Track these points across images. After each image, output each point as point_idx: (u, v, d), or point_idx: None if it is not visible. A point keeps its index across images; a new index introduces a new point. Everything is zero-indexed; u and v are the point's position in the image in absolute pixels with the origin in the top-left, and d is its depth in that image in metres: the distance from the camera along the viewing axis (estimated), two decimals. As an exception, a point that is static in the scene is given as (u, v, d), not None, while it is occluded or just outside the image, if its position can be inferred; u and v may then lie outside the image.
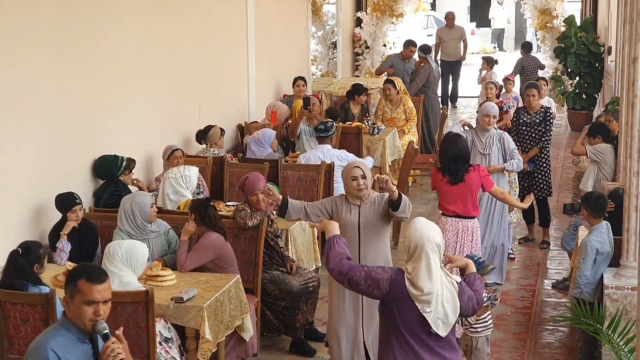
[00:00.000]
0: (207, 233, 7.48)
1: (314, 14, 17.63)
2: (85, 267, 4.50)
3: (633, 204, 6.83)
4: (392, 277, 5.12)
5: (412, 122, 13.46)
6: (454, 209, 8.16)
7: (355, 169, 6.49)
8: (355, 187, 6.44)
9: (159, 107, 10.24)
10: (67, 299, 4.31)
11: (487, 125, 9.34)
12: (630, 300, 6.64)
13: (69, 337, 4.25)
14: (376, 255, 6.50)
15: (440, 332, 5.04)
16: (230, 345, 7.40)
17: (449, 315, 5.04)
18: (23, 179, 7.69)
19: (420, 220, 5.24)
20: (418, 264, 5.04)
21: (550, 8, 17.48)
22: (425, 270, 5.02)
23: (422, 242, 5.05)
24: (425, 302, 5.00)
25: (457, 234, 8.11)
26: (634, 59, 7.30)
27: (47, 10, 8.02)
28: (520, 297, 9.36)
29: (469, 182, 8.12)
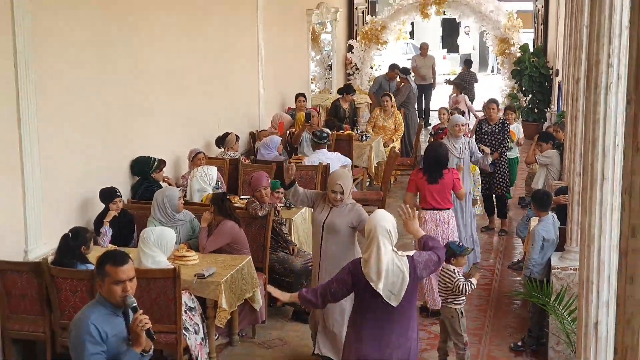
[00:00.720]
0: (224, 221, 7.48)
1: (314, 41, 17.62)
2: (110, 254, 4.51)
3: (575, 200, 6.82)
4: (350, 268, 5.22)
5: (399, 133, 13.58)
6: (433, 203, 8.12)
7: (337, 185, 6.45)
8: (332, 197, 6.47)
9: (185, 117, 10.23)
10: (99, 282, 4.33)
11: (458, 133, 9.33)
12: (572, 279, 6.63)
13: (105, 312, 4.28)
14: (335, 252, 6.40)
15: (392, 303, 5.06)
16: (243, 314, 7.41)
17: (397, 288, 5.04)
18: (73, 176, 7.68)
19: (378, 212, 5.33)
20: (371, 247, 5.11)
21: (508, 37, 17.47)
22: (376, 251, 5.07)
23: (375, 229, 5.12)
24: (376, 278, 5.04)
25: (436, 223, 8.07)
26: (577, 79, 7.30)
27: (92, 36, 8.01)
28: (482, 276, 9.34)
29: (445, 181, 8.11)
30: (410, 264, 5.12)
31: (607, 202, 4.81)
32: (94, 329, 4.18)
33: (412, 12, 18.55)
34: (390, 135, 13.34)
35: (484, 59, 33.47)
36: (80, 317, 4.26)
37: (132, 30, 8.83)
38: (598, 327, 4.86)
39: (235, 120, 11.92)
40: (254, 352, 7.39)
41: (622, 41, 4.65)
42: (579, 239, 5.61)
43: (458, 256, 6.80)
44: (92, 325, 4.19)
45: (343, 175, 6.60)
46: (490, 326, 7.91)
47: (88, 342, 4.16)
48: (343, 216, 6.43)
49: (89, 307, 4.34)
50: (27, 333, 6.58)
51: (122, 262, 4.35)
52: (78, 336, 4.19)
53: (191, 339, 6.48)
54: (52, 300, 6.41)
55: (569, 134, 7.82)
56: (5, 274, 6.47)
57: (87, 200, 7.83)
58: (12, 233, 6.76)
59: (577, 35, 7.31)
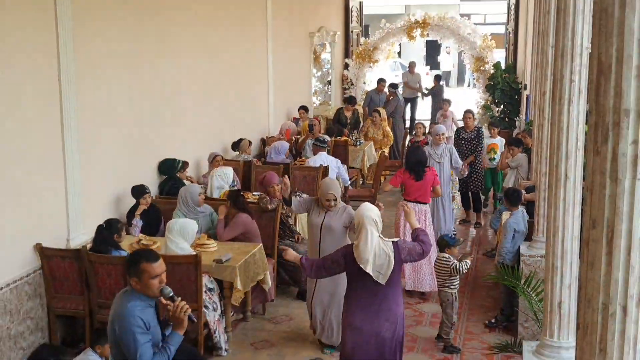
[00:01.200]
0: (238, 214, 7.48)
1: (315, 60, 17.59)
2: (142, 253, 4.42)
3: (542, 196, 6.82)
4: (343, 252, 5.35)
5: (387, 143, 13.69)
6: (415, 196, 8.21)
7: (330, 194, 6.41)
8: (327, 205, 6.44)
9: (205, 124, 10.22)
10: (135, 280, 4.21)
11: (439, 141, 9.33)
12: (539, 265, 6.63)
13: (143, 305, 4.22)
14: (333, 247, 6.16)
15: (380, 281, 5.17)
16: (255, 293, 7.41)
17: (384, 269, 5.15)
18: (109, 174, 7.67)
19: (364, 205, 5.42)
20: (360, 235, 5.22)
21: (483, 56, 17.41)
22: (364, 239, 5.18)
23: (363, 219, 5.24)
24: (365, 261, 5.13)
25: (416, 214, 8.10)
26: (543, 92, 7.29)
27: (128, 51, 8.00)
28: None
29: (426, 179, 8.19)
30: (395, 249, 5.22)
31: (570, 198, 4.82)
32: (140, 321, 4.14)
33: (400, 35, 18.51)
34: (379, 145, 13.44)
35: (462, 75, 33.43)
36: (126, 312, 4.14)
37: (161, 48, 8.82)
38: (561, 306, 4.87)
39: (248, 127, 11.91)
40: (263, 326, 7.39)
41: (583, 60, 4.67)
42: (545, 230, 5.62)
43: (451, 247, 6.90)
44: (138, 318, 4.14)
45: (333, 184, 6.57)
46: (467, 305, 7.91)
47: (138, 334, 4.11)
48: (337, 218, 6.45)
49: (128, 301, 4.20)
50: (69, 310, 6.58)
51: (155, 259, 4.30)
52: (128, 329, 4.11)
53: (210, 316, 6.48)
54: (91, 282, 6.41)
55: (536, 139, 7.81)
56: (51, 259, 6.47)
57: (121, 195, 7.83)
58: (55, 223, 6.76)
59: (544, 54, 7.31)
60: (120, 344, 4.16)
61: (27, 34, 6.29)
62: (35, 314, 6.45)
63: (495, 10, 30.70)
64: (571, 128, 4.76)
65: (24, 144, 6.29)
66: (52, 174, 6.67)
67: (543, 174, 6.92)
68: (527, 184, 8.74)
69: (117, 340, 4.18)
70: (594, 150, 2.35)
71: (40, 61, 6.47)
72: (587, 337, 2.46)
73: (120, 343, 4.16)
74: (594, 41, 2.35)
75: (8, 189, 6.10)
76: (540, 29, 8.29)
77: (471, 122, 10.96)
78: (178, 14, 9.31)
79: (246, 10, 12.02)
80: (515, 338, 6.80)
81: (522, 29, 17.12)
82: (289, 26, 14.48)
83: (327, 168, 9.97)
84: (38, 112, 6.47)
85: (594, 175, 2.36)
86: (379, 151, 13.09)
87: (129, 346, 4.11)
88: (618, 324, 2.38)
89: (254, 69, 12.49)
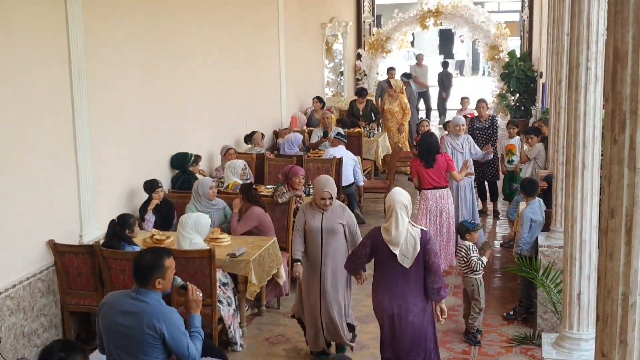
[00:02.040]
0: (251, 207, 7.49)
1: (327, 51, 17.57)
2: (159, 251, 4.39)
3: (559, 186, 6.78)
4: (371, 235, 5.49)
5: (407, 116, 13.82)
6: (432, 183, 8.41)
7: (325, 192, 6.05)
8: (322, 204, 6.06)
9: (218, 118, 10.24)
10: (159, 280, 4.20)
11: (459, 132, 9.40)
12: (558, 256, 6.59)
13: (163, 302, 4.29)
14: (335, 249, 6.12)
15: (405, 265, 5.28)
16: (269, 288, 7.42)
17: (410, 253, 5.26)
18: (121, 169, 7.71)
19: (395, 189, 5.54)
20: (391, 218, 5.33)
21: (498, 44, 17.34)
22: (394, 222, 5.30)
23: (394, 203, 5.34)
24: (394, 244, 5.28)
25: (436, 200, 8.41)
26: (559, 80, 7.25)
27: (139, 47, 8.03)
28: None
29: (439, 164, 8.40)
30: (423, 236, 5.31)
31: (588, 188, 4.79)
32: (180, 316, 4.26)
33: (413, 24, 18.45)
34: (399, 119, 13.46)
35: (476, 63, 33.32)
36: (167, 312, 4.20)
37: (173, 42, 8.84)
38: (581, 298, 4.85)
39: (261, 120, 11.92)
40: (278, 321, 7.40)
41: (599, 47, 4.63)
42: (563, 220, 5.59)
43: (472, 231, 6.93)
44: (178, 314, 4.26)
45: (328, 182, 6.20)
46: (485, 297, 7.87)
47: (183, 328, 4.23)
48: (337, 217, 6.13)
49: (159, 301, 4.21)
50: (83, 306, 6.62)
51: (170, 252, 4.38)
52: (176, 327, 4.16)
53: (224, 311, 6.50)
54: (104, 277, 6.44)
55: (553, 128, 7.76)
56: (64, 255, 6.51)
57: (133, 190, 7.86)
58: (69, 219, 6.80)
59: (559, 42, 7.26)
60: (170, 343, 4.16)
61: (38, 31, 6.31)
62: (49, 310, 6.49)
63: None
64: (588, 116, 4.72)
65: (35, 140, 6.32)
66: (64, 170, 6.70)
67: (560, 163, 6.88)
68: (545, 174, 8.69)
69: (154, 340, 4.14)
70: (611, 139, 2.33)
71: (51, 57, 6.50)
72: (607, 329, 2.44)
73: (169, 342, 4.16)
74: (609, 28, 2.32)
75: (20, 185, 6.13)
76: (555, 16, 8.23)
77: (484, 111, 10.98)
78: (189, 7, 9.31)
79: (258, 3, 12.01)
80: (534, 330, 6.78)
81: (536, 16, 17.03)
82: (301, 17, 14.46)
83: (341, 160, 9.97)
84: (49, 108, 6.50)
85: (611, 164, 2.34)
86: (399, 136, 13.18)
87: (180, 342, 4.18)
88: (638, 315, 2.36)
89: (266, 61, 12.48)
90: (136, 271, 4.24)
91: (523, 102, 16.40)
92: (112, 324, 4.21)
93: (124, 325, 4.17)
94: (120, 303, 4.23)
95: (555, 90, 7.56)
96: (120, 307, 4.21)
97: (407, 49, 25.43)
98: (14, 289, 6.03)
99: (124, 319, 4.18)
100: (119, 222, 6.63)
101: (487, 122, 10.86)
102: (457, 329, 7.08)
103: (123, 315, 4.18)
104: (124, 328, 4.17)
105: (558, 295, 6.13)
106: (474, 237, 6.99)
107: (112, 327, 4.21)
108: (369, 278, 5.87)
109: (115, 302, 4.25)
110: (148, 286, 4.19)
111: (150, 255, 4.29)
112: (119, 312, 4.19)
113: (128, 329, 4.16)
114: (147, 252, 4.36)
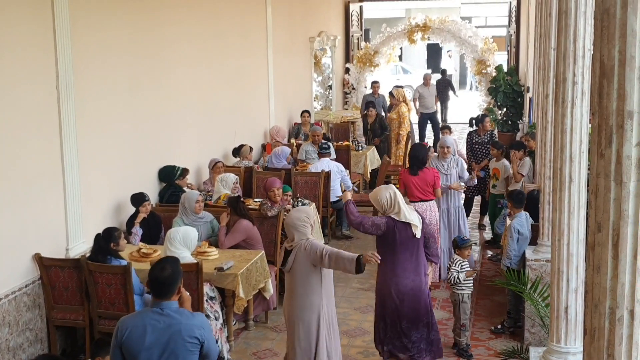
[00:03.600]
0: (239, 220, 7.47)
1: (316, 65, 17.60)
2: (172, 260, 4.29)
3: (546, 200, 6.80)
4: (386, 222, 6.08)
5: (404, 127, 13.79)
6: (418, 195, 8.35)
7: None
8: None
9: (205, 131, 10.22)
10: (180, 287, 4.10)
11: (445, 155, 9.20)
12: (545, 269, 6.61)
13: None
14: (306, 288, 5.55)
15: (418, 235, 6.10)
16: (257, 302, 7.40)
17: (420, 224, 6.14)
18: (108, 183, 7.68)
19: (379, 188, 6.28)
20: (399, 207, 6.08)
21: (485, 59, 17.43)
22: (404, 208, 6.11)
23: (396, 197, 6.11)
24: (412, 219, 6.08)
25: (424, 212, 8.15)
26: (545, 95, 7.29)
27: (126, 61, 8.02)
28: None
29: (424, 176, 8.32)
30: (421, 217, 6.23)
31: (574, 202, 4.81)
32: None
33: (401, 38, 18.52)
34: (395, 128, 13.61)
35: (464, 78, 33.42)
36: (203, 319, 4.15)
37: (161, 56, 8.84)
38: (568, 311, 4.86)
39: (249, 133, 11.92)
40: (266, 335, 7.37)
41: (585, 61, 4.66)
42: (550, 234, 5.61)
43: (461, 247, 6.94)
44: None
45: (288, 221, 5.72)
46: (473, 311, 7.88)
47: None
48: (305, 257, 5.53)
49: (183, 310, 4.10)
50: (69, 320, 6.57)
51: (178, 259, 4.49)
52: (209, 329, 4.14)
53: (212, 325, 6.46)
54: (90, 292, 6.40)
55: (540, 142, 7.79)
56: (50, 269, 6.47)
57: (120, 204, 7.83)
58: (55, 233, 6.76)
59: (546, 57, 7.30)
60: (207, 352, 4.10)
61: (24, 41, 6.30)
62: (35, 325, 6.44)
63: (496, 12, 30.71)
64: (575, 130, 4.75)
65: (22, 154, 6.30)
66: (50, 183, 6.67)
67: (547, 177, 6.91)
68: (531, 188, 8.72)
69: (194, 348, 4.05)
70: (598, 153, 2.34)
71: (38, 68, 6.48)
72: (594, 343, 2.44)
73: (206, 351, 4.10)
74: (596, 43, 2.34)
75: (6, 199, 6.10)
76: (542, 31, 8.29)
77: (489, 126, 11.11)
78: (177, 20, 9.32)
79: (246, 16, 12.03)
80: (522, 344, 6.77)
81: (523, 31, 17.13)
82: (289, 31, 14.49)
83: (329, 174, 9.98)
84: (37, 122, 6.48)
85: (598, 178, 2.35)
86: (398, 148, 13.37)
87: (214, 342, 4.19)
88: (625, 329, 2.37)
89: (255, 74, 12.49)
90: (158, 286, 4.01)
91: (510, 116, 16.47)
92: (147, 345, 3.97)
93: (159, 343, 3.97)
94: (147, 323, 3.99)
95: (542, 105, 7.60)
96: (150, 327, 3.98)
97: (395, 63, 25.54)
98: (-1, 303, 5.99)
99: (158, 337, 3.97)
100: (104, 236, 6.57)
101: (486, 136, 10.96)
102: (445, 343, 7.07)
103: (156, 333, 3.97)
104: (161, 345, 3.97)
105: (546, 308, 6.13)
106: (462, 253, 7.01)
107: (147, 348, 3.97)
108: None
109: (141, 324, 4.00)
110: (170, 297, 4.02)
111: (169, 266, 4.07)
112: (150, 332, 3.97)
113: (166, 346, 3.97)
114: (165, 265, 4.09)
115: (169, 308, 4.00)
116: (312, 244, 5.48)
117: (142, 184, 8.20)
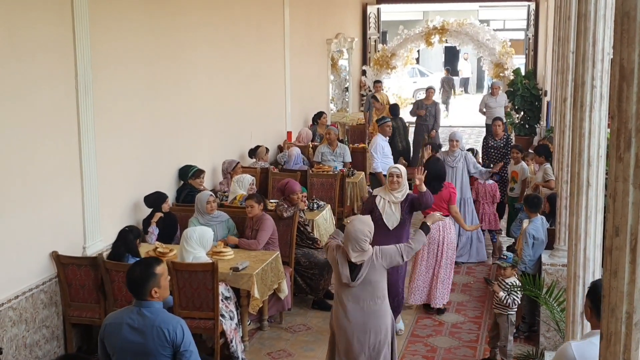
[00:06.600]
0: (263, 215, 7.48)
1: (333, 67, 17.63)
2: (148, 261, 4.28)
3: (563, 204, 6.77)
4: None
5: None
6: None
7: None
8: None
9: (222, 132, 10.26)
10: (156, 289, 4.08)
11: (453, 147, 9.31)
12: (561, 274, 6.57)
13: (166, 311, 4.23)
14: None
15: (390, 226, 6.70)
16: (271, 302, 7.41)
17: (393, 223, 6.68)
18: (125, 182, 7.72)
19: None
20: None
21: (503, 62, 17.40)
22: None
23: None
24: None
25: (439, 230, 7.91)
26: (563, 99, 7.25)
27: (145, 61, 8.07)
28: (479, 271, 9.32)
29: (442, 194, 8.00)
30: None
31: (592, 206, 4.78)
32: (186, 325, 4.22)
33: (418, 41, 18.54)
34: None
35: (481, 81, 33.34)
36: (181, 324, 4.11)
37: (179, 57, 8.88)
38: (584, 316, 4.82)
39: (265, 134, 11.95)
40: (280, 336, 7.38)
41: (605, 65, 4.63)
42: (567, 238, 5.58)
43: (502, 269, 6.77)
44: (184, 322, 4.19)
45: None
46: (487, 315, 7.86)
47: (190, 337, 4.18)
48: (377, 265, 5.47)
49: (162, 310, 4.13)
50: (85, 318, 6.61)
51: (159, 260, 4.27)
52: (189, 334, 4.11)
53: (227, 325, 6.48)
54: (107, 290, 6.45)
55: (558, 146, 7.75)
56: (67, 267, 6.51)
57: (138, 203, 7.87)
58: (72, 231, 6.81)
59: (564, 60, 7.27)
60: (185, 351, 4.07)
61: (43, 42, 6.35)
62: (51, 322, 6.49)
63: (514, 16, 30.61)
64: (593, 135, 4.72)
65: (41, 153, 6.35)
66: (68, 182, 6.72)
67: (565, 181, 6.86)
68: (549, 193, 8.67)
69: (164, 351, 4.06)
70: (616, 157, 2.33)
71: (57, 69, 6.53)
72: (610, 348, 2.43)
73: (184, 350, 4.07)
74: (615, 46, 2.33)
75: (24, 197, 6.15)
76: (560, 35, 8.25)
77: (500, 130, 10.95)
78: (195, 24, 9.36)
79: (263, 18, 12.07)
80: (537, 348, 6.73)
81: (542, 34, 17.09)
82: (306, 33, 14.52)
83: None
84: (56, 122, 6.53)
85: (616, 182, 2.33)
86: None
87: (193, 350, 4.11)
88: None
89: (271, 77, 12.52)
90: (130, 285, 4.14)
91: (527, 120, 16.42)
92: (123, 341, 4.07)
93: (134, 342, 4.05)
94: (125, 320, 4.09)
95: (560, 109, 7.57)
96: (127, 324, 4.08)
97: (412, 66, 25.53)
98: (16, 300, 6.03)
99: (133, 335, 4.06)
100: (132, 230, 6.67)
101: (502, 141, 10.84)
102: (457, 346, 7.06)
103: (132, 331, 4.07)
104: (134, 345, 4.06)
105: (561, 313, 6.10)
106: (506, 273, 6.77)
107: (122, 345, 4.07)
108: None
109: (120, 321, 4.11)
110: (146, 298, 4.09)
111: (139, 267, 4.17)
112: (127, 329, 4.07)
113: (139, 345, 4.05)
114: (135, 265, 4.24)
115: (145, 307, 4.07)
116: (381, 250, 5.38)
117: (159, 184, 8.24)
